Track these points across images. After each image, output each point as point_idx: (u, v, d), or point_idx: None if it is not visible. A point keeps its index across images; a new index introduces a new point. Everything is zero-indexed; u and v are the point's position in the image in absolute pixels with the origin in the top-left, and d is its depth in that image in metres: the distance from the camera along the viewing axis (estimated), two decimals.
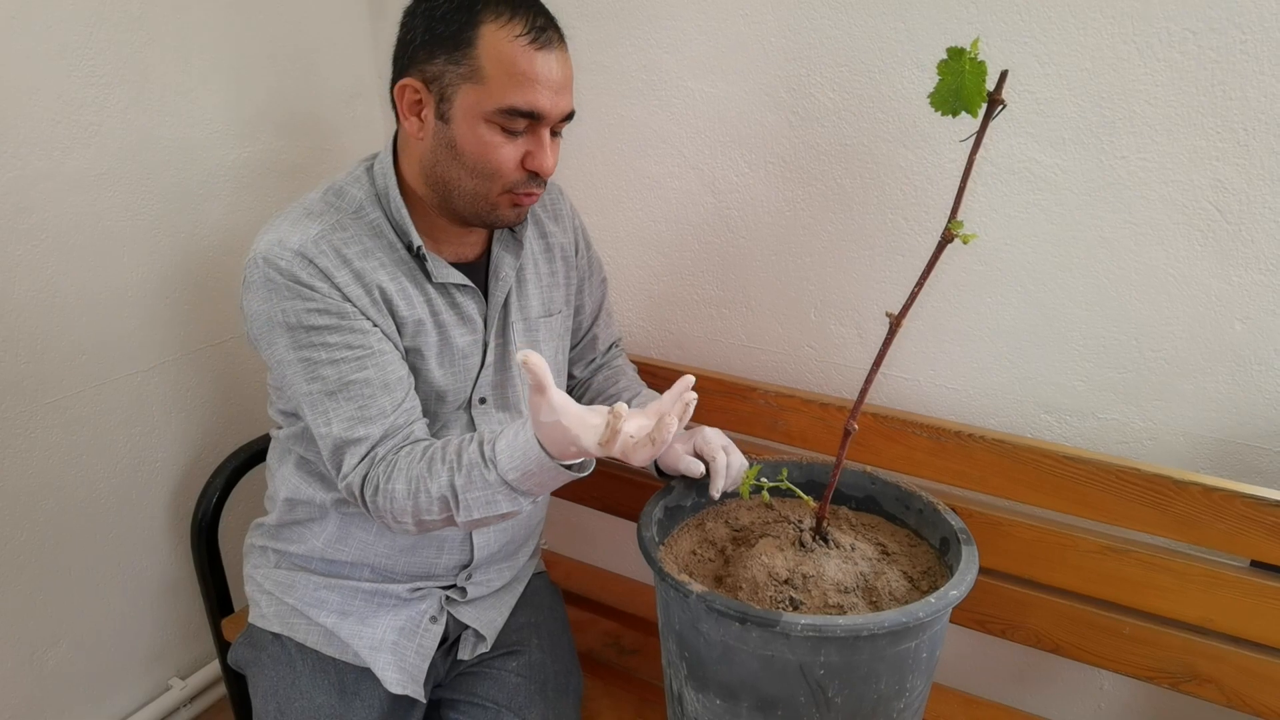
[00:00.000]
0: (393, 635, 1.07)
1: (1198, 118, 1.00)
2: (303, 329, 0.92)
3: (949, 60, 0.78)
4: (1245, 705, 1.04)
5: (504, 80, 0.89)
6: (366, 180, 1.00)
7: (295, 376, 0.94)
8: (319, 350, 0.92)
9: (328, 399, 0.93)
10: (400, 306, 0.98)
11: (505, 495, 0.88)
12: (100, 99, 1.22)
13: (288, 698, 1.04)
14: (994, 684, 1.36)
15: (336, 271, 0.93)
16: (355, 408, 0.93)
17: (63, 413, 1.26)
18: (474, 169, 0.93)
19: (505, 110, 0.89)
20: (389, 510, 0.92)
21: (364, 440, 0.93)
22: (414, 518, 0.91)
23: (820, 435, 1.23)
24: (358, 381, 0.93)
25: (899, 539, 1.03)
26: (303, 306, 0.91)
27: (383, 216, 0.98)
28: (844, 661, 0.82)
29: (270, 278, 0.91)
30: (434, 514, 0.90)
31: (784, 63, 1.22)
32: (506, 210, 0.97)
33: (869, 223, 1.23)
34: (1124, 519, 1.06)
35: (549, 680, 1.13)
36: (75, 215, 1.22)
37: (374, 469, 0.93)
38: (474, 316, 1.04)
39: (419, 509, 0.91)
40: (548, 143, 0.94)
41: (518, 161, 0.93)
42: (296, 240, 0.92)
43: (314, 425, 0.95)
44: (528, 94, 0.89)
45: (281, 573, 1.11)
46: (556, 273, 1.15)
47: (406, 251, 0.99)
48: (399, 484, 0.91)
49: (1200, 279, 1.05)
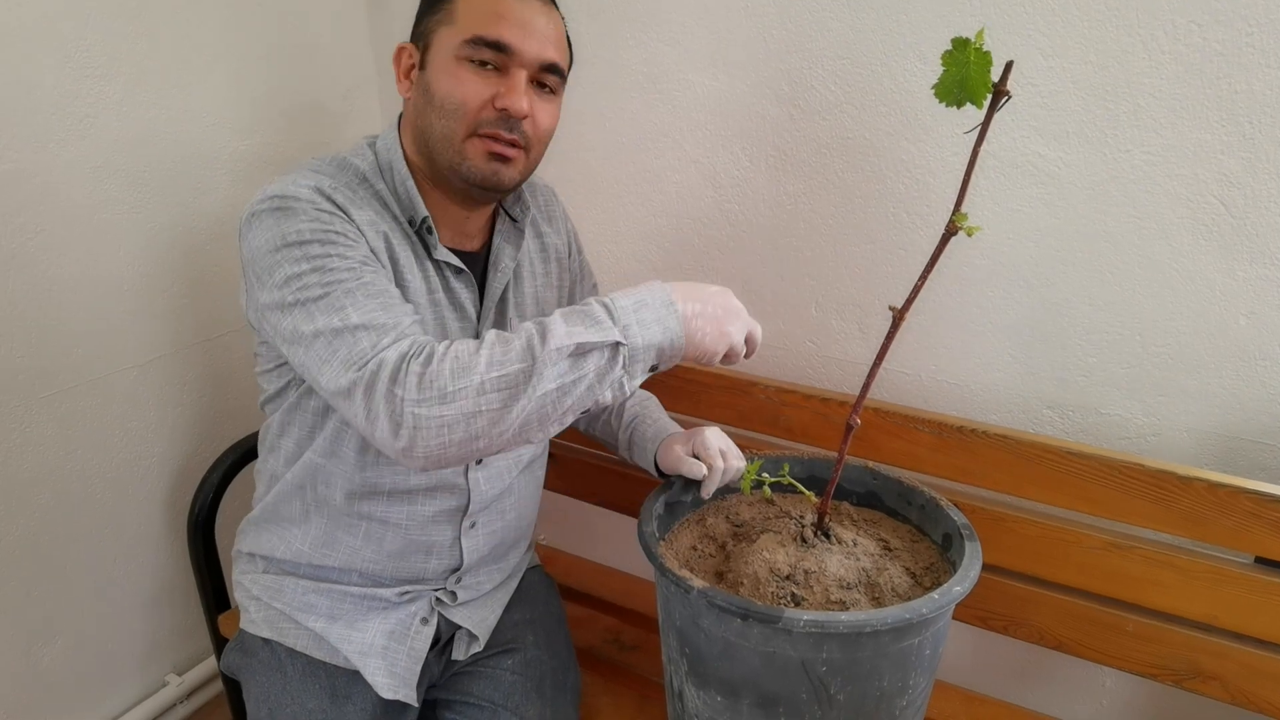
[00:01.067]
0: (382, 639, 1.05)
1: (1203, 111, 0.99)
2: (317, 242, 0.85)
3: (954, 51, 0.77)
4: (1249, 702, 1.03)
5: (473, 15, 0.91)
6: (370, 154, 1.00)
7: (303, 290, 0.84)
8: (334, 259, 0.85)
9: (345, 296, 0.83)
10: (405, 271, 0.96)
11: (602, 324, 0.78)
12: (96, 91, 1.21)
13: (279, 703, 1.02)
14: (996, 681, 1.35)
15: (353, 210, 0.91)
16: (378, 303, 0.84)
17: (58, 407, 1.25)
18: (443, 108, 0.92)
19: (470, 40, 0.90)
20: (444, 376, 0.76)
21: (391, 327, 0.82)
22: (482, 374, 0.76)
23: (821, 430, 1.23)
24: (378, 284, 0.85)
25: (901, 535, 1.03)
26: (319, 226, 0.86)
27: (387, 189, 0.98)
28: (846, 658, 0.82)
29: (285, 205, 0.87)
30: (512, 359, 0.77)
31: (785, 55, 1.21)
32: (478, 160, 0.93)
33: (870, 216, 1.22)
34: (1128, 515, 1.05)
35: (546, 677, 1.12)
36: (71, 208, 1.21)
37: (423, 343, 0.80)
38: (466, 305, 1.03)
39: (495, 359, 0.77)
40: (520, 83, 0.92)
41: (486, 99, 0.91)
42: (311, 182, 0.91)
43: (322, 325, 0.82)
44: (494, 25, 0.90)
45: (269, 578, 1.10)
46: (550, 274, 1.14)
47: (409, 226, 0.98)
48: (467, 345, 0.79)
49: (1205, 274, 1.05)
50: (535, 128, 0.95)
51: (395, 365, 0.78)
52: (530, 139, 0.95)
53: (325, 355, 0.82)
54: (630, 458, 1.13)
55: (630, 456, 1.13)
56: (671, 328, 0.81)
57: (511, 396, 0.76)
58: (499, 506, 1.11)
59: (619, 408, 1.16)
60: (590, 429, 1.22)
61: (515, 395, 0.76)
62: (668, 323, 0.81)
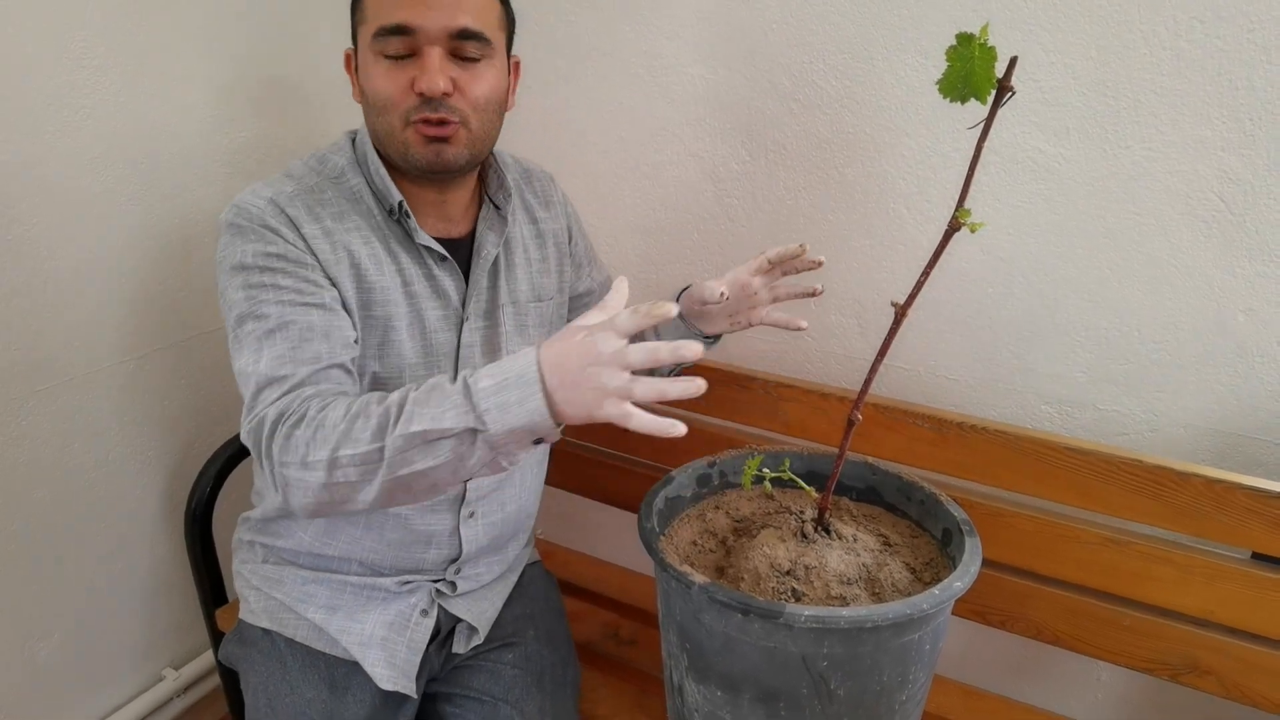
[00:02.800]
0: (382, 630, 1.06)
1: (1204, 107, 0.99)
2: (257, 269, 0.89)
3: (958, 46, 0.77)
4: (1245, 697, 1.04)
5: (375, 7, 0.90)
6: (349, 148, 1.01)
7: (239, 319, 0.89)
8: (268, 291, 0.89)
9: (264, 338, 0.87)
10: (370, 271, 0.96)
11: (458, 409, 0.74)
12: (92, 82, 1.20)
13: (278, 693, 1.03)
14: (993, 675, 1.36)
15: (306, 223, 0.93)
16: (289, 347, 0.87)
17: (54, 401, 1.24)
18: (374, 106, 0.93)
19: (376, 33, 0.90)
20: (303, 444, 0.78)
21: (287, 379, 0.85)
22: (333, 449, 0.77)
23: (820, 425, 1.23)
24: (298, 323, 0.88)
25: (901, 530, 1.03)
26: (263, 248, 0.90)
27: (363, 182, 0.99)
28: (847, 653, 0.82)
29: (237, 222, 0.91)
30: (363, 440, 0.76)
31: (785, 49, 1.21)
32: (418, 146, 0.93)
33: (870, 212, 1.22)
34: (1125, 510, 1.05)
35: (546, 672, 1.12)
36: (68, 199, 1.20)
37: (301, 404, 0.82)
38: (449, 292, 1.02)
39: (349, 433, 0.77)
40: (433, 61, 0.89)
41: (404, 86, 0.91)
42: (270, 192, 0.93)
43: (243, 366, 0.88)
44: (391, 10, 0.89)
45: (269, 567, 1.10)
46: (548, 259, 1.13)
47: (387, 216, 0.98)
48: (334, 412, 0.79)
49: (1204, 270, 1.05)
50: (466, 99, 0.93)
51: (272, 425, 0.82)
52: (464, 112, 0.93)
53: (242, 392, 0.88)
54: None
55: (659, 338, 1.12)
56: (534, 409, 0.73)
57: (367, 473, 0.77)
58: (499, 497, 1.11)
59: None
60: None
61: (370, 473, 0.77)
62: (529, 404, 0.73)
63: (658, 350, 0.71)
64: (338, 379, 0.89)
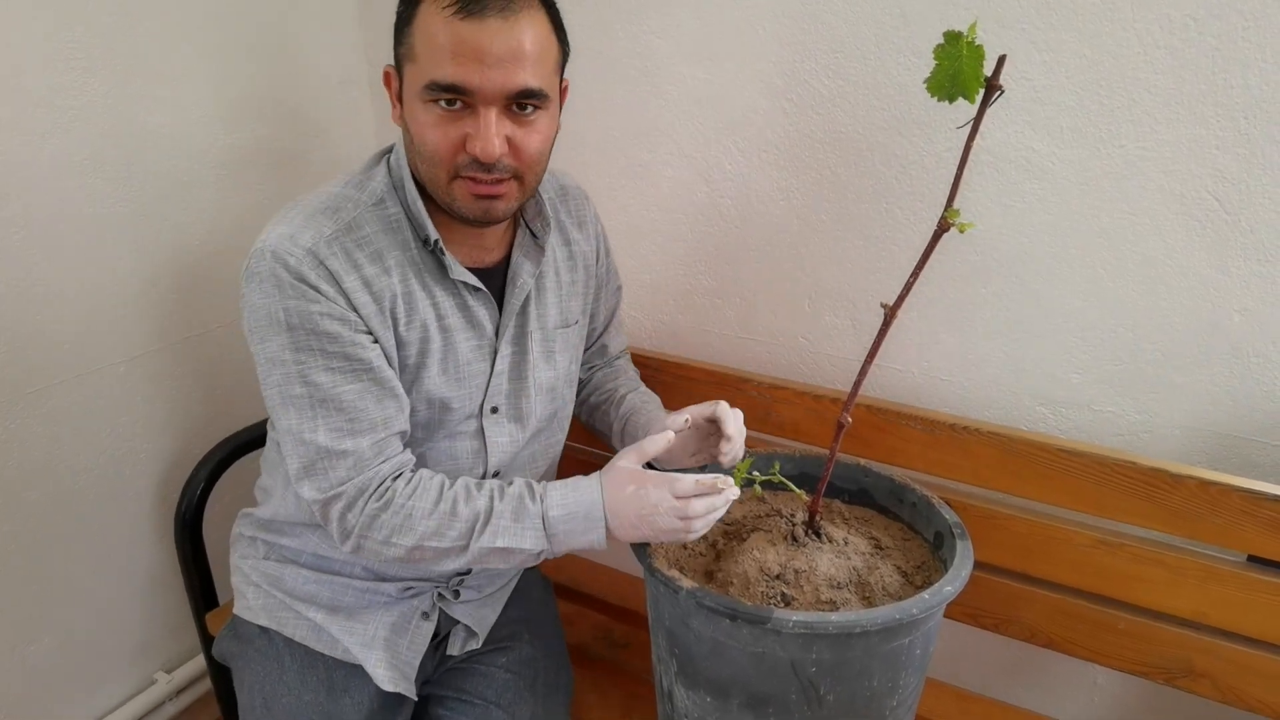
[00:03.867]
0: (385, 632, 1.05)
1: (1198, 106, 0.99)
2: (304, 330, 0.87)
3: (946, 45, 0.77)
4: (1240, 700, 1.03)
5: (429, 54, 0.84)
6: (384, 172, 0.96)
7: (285, 378, 0.89)
8: (315, 356, 0.88)
9: (317, 406, 0.89)
10: (402, 316, 0.93)
11: (535, 534, 0.91)
12: (81, 84, 1.19)
13: (274, 693, 1.02)
14: (986, 678, 1.35)
15: (346, 276, 0.89)
16: (345, 420, 0.89)
17: (45, 403, 1.24)
18: (420, 152, 0.89)
19: (429, 85, 0.84)
20: (389, 529, 0.90)
21: (350, 454, 0.90)
22: (419, 540, 0.91)
23: (813, 427, 1.22)
24: (351, 393, 0.89)
25: (892, 533, 1.02)
26: (307, 309, 0.87)
27: (400, 211, 0.94)
28: (836, 659, 0.81)
29: (277, 274, 0.87)
30: (449, 537, 0.90)
31: (778, 49, 1.20)
32: (465, 201, 0.90)
33: (864, 212, 1.21)
34: (1119, 513, 1.04)
35: (539, 676, 1.12)
36: (57, 202, 1.20)
37: (383, 486, 0.91)
38: (483, 322, 0.99)
39: (439, 530, 0.90)
40: (489, 124, 0.85)
41: (455, 143, 0.86)
42: (309, 238, 0.88)
43: (294, 431, 0.90)
44: (446, 67, 0.83)
45: (270, 564, 1.09)
46: (577, 281, 1.10)
47: (422, 246, 0.95)
48: (421, 502, 0.91)
49: (1198, 270, 1.04)
50: (519, 157, 0.89)
51: (352, 499, 0.91)
52: (517, 169, 0.90)
53: (293, 451, 0.92)
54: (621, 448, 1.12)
55: (621, 446, 1.12)
56: (594, 540, 0.91)
57: (444, 559, 0.93)
58: None
59: (619, 399, 1.14)
60: (590, 419, 1.21)
61: (447, 559, 0.93)
62: (591, 536, 0.91)
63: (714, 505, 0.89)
64: (395, 446, 0.94)
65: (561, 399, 1.10)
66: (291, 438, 0.91)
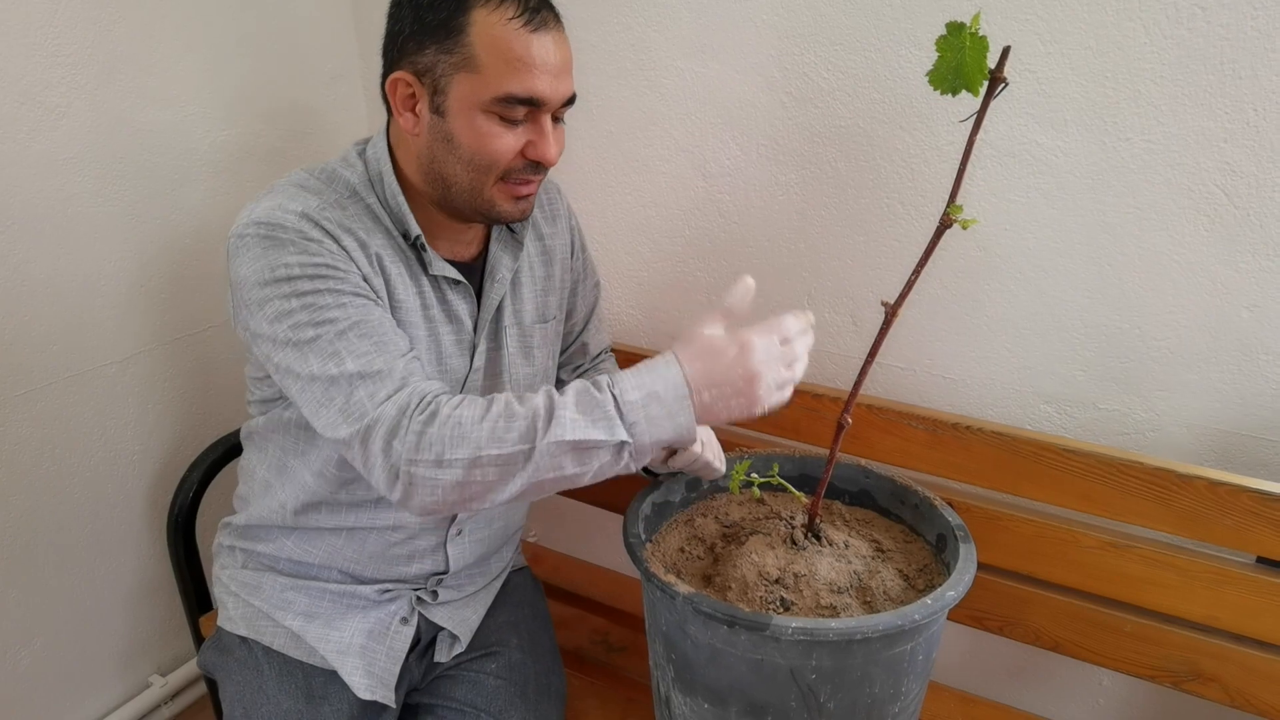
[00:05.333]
0: (361, 638, 1.03)
1: (1206, 98, 0.96)
2: (306, 278, 0.84)
3: (948, 36, 0.75)
4: (1249, 705, 1.01)
5: (500, 67, 0.84)
6: (360, 165, 0.96)
7: (295, 327, 0.83)
8: (326, 296, 0.84)
9: (338, 339, 0.83)
10: (398, 288, 0.94)
11: (607, 423, 0.77)
12: (68, 79, 1.17)
13: (254, 703, 1.00)
14: (991, 682, 1.33)
15: (342, 235, 0.88)
16: (371, 344, 0.83)
17: (33, 405, 1.22)
18: (471, 161, 0.89)
19: (503, 99, 0.85)
20: (440, 443, 0.77)
21: (384, 373, 0.82)
22: (476, 449, 0.77)
23: (813, 427, 1.20)
24: (371, 320, 0.85)
25: (894, 535, 1.00)
26: (308, 260, 0.85)
27: (377, 203, 0.94)
28: (836, 665, 0.79)
29: (273, 234, 0.86)
30: (510, 440, 0.77)
31: (777, 41, 1.18)
32: (505, 203, 0.92)
33: (864, 207, 1.19)
34: (1126, 514, 1.03)
35: (529, 682, 1.10)
36: (43, 200, 1.18)
37: (427, 400, 0.81)
38: (463, 317, 1.00)
39: (496, 434, 0.77)
40: (549, 130, 0.90)
41: (517, 151, 0.89)
42: (298, 206, 0.88)
43: (319, 375, 0.83)
44: (525, 80, 0.85)
45: (248, 573, 1.08)
46: (552, 276, 1.10)
47: (403, 240, 0.95)
48: (470, 410, 0.79)
49: (1206, 265, 1.02)
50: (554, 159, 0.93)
51: (394, 420, 0.79)
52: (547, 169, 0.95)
53: (321, 400, 0.83)
54: None
55: None
56: (683, 424, 0.79)
57: (507, 474, 0.78)
58: (487, 514, 1.08)
59: None
60: None
61: (511, 474, 0.78)
62: (679, 419, 0.79)
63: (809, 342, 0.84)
64: (425, 372, 0.88)
65: None
66: (319, 386, 0.83)
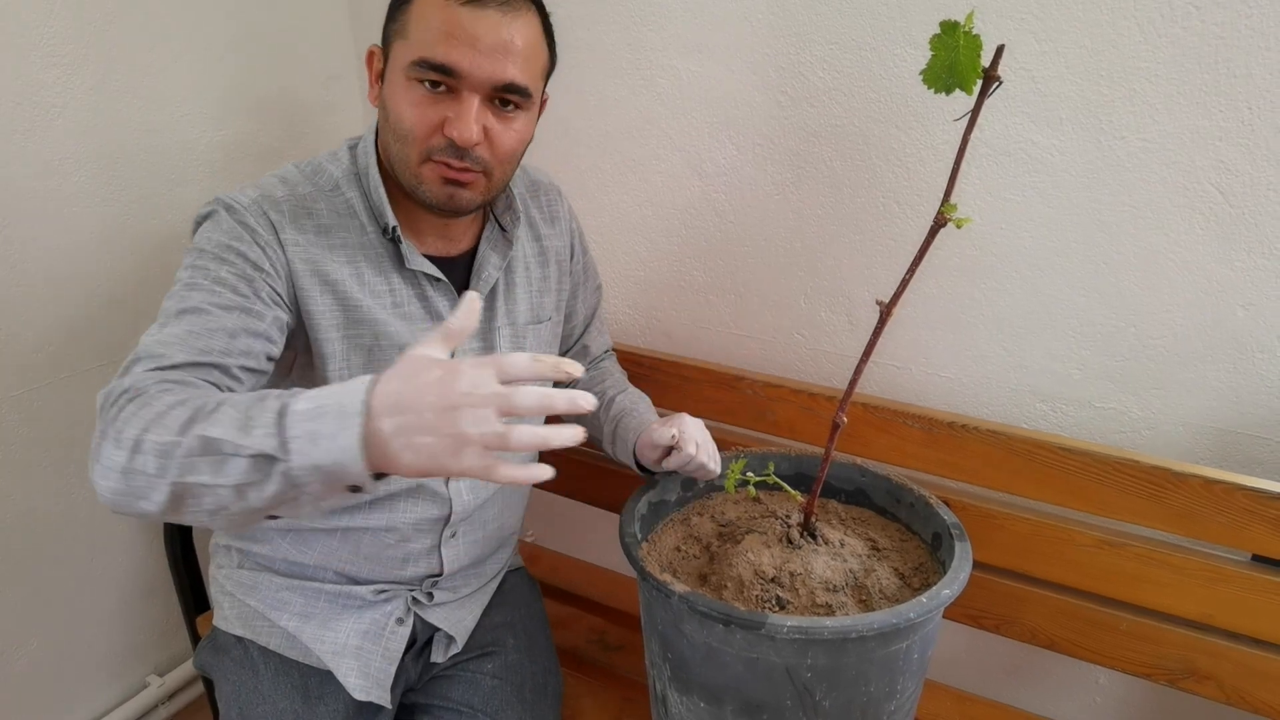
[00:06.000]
0: (356, 639, 1.03)
1: (1200, 96, 0.96)
2: (210, 254, 0.84)
3: (942, 35, 0.75)
4: (1245, 702, 1.01)
5: (421, 32, 0.84)
6: (348, 159, 0.96)
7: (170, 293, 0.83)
8: (206, 276, 0.82)
9: (174, 317, 0.79)
10: (353, 291, 0.92)
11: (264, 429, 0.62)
12: (63, 80, 1.17)
13: (250, 703, 1.00)
14: (987, 680, 1.33)
15: (287, 228, 0.89)
16: (186, 330, 0.78)
17: (28, 406, 1.22)
18: (395, 130, 0.88)
19: (417, 62, 0.84)
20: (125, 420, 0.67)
21: (162, 358, 0.75)
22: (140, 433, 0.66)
23: (809, 426, 1.20)
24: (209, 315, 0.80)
25: (890, 534, 1.00)
26: (225, 241, 0.85)
27: (359, 196, 0.94)
28: (832, 664, 0.79)
29: (215, 211, 0.88)
30: (169, 427, 0.65)
31: (772, 40, 1.18)
32: (433, 184, 0.89)
33: (860, 206, 1.19)
34: (1122, 512, 1.03)
35: (526, 682, 1.09)
36: (39, 201, 1.17)
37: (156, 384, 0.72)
38: (443, 313, 0.98)
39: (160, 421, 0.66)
40: (470, 109, 0.85)
41: (434, 124, 0.86)
42: (256, 193, 0.89)
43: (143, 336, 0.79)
44: (440, 45, 0.83)
45: (244, 573, 1.07)
46: (549, 278, 1.09)
47: (380, 234, 0.94)
48: (172, 395, 0.70)
49: (1201, 263, 1.02)
50: (493, 151, 0.89)
51: (116, 396, 0.71)
52: (488, 163, 0.89)
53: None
54: (613, 452, 1.10)
55: (613, 450, 1.10)
56: (344, 447, 0.61)
57: (162, 469, 0.65)
58: (480, 517, 1.08)
59: (607, 401, 1.13)
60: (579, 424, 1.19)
61: (164, 470, 0.65)
62: (340, 440, 0.61)
63: (552, 397, 0.63)
64: (214, 379, 0.78)
65: None
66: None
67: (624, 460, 1.07)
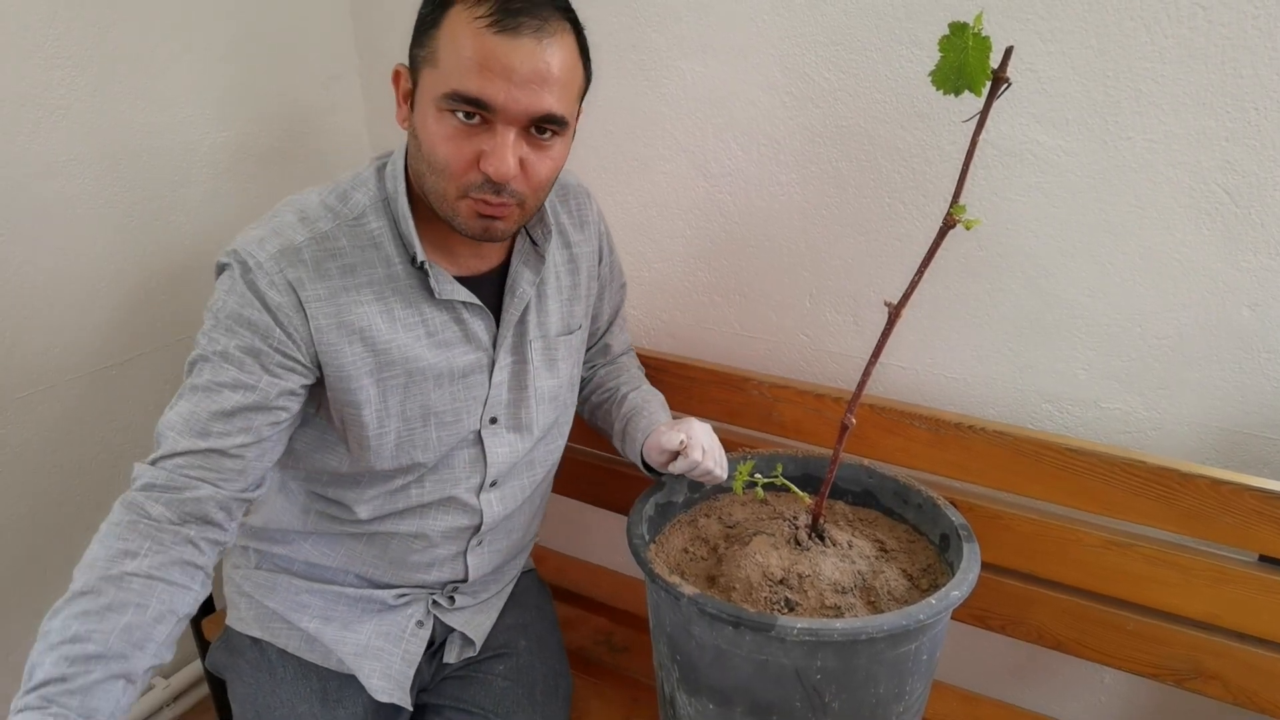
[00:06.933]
0: (378, 641, 1.03)
1: (1207, 96, 0.96)
2: (221, 324, 0.86)
3: (951, 36, 0.74)
4: (1251, 703, 1.01)
5: (453, 62, 0.80)
6: (375, 184, 0.93)
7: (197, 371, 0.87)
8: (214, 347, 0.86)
9: (184, 394, 0.86)
10: (382, 331, 0.90)
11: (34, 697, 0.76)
12: (67, 81, 1.17)
13: (268, 705, 1.00)
14: (993, 680, 1.34)
15: (309, 284, 0.86)
16: (188, 411, 0.85)
17: (34, 408, 1.22)
18: (429, 162, 0.85)
19: (449, 95, 0.80)
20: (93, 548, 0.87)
21: (169, 442, 0.84)
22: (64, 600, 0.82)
23: (815, 427, 1.20)
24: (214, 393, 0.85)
25: (898, 535, 1.00)
26: (237, 308, 0.86)
27: (388, 225, 0.91)
28: (841, 666, 0.79)
29: (231, 272, 0.87)
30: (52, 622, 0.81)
31: (778, 41, 1.18)
32: (468, 219, 0.86)
33: (866, 207, 1.19)
34: (1128, 512, 1.03)
35: (537, 683, 1.10)
36: (43, 202, 1.18)
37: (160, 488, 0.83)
38: (479, 334, 0.96)
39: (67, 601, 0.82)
40: (506, 143, 0.82)
41: (469, 160, 0.83)
42: (277, 244, 0.86)
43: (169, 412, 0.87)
44: (473, 79, 0.79)
45: (262, 574, 1.07)
46: (579, 285, 1.07)
47: (409, 264, 0.92)
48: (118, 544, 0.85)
49: (1207, 264, 1.02)
50: (529, 181, 0.86)
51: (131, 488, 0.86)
52: (523, 194, 0.86)
53: None
54: (622, 450, 1.10)
55: (622, 448, 1.10)
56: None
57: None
58: (507, 526, 1.08)
59: (620, 398, 1.12)
60: (593, 418, 1.19)
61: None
62: None
63: None
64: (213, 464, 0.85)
65: (563, 405, 1.08)
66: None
67: (632, 459, 1.07)
